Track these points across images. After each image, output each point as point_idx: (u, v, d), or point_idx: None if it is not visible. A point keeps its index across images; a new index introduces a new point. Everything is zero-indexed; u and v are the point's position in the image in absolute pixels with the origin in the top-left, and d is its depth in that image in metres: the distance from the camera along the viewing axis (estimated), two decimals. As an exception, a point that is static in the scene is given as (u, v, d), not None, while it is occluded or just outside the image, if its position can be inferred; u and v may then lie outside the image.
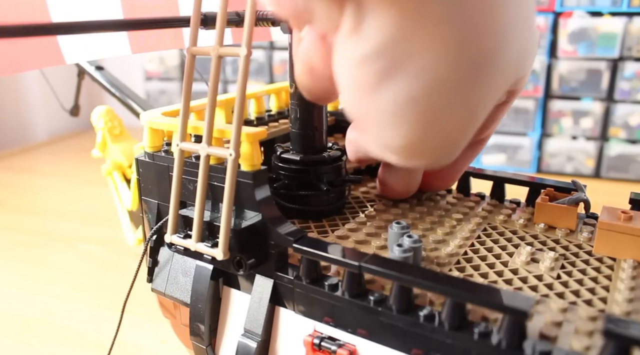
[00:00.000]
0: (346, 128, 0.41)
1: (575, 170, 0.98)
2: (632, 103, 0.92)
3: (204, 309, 0.29)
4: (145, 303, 0.46)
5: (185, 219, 0.28)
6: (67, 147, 1.23)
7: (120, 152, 0.55)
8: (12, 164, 1.09)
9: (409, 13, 0.18)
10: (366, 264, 0.23)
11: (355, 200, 0.35)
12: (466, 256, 0.28)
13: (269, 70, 1.19)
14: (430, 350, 0.22)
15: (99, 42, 0.28)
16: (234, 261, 0.26)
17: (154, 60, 1.29)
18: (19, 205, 0.83)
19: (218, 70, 0.25)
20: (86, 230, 0.72)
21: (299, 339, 0.26)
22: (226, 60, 1.21)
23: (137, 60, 1.34)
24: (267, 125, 0.38)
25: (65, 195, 0.87)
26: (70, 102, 0.70)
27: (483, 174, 0.38)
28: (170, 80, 1.30)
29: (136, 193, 0.44)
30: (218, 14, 0.24)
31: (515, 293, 0.21)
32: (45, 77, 0.71)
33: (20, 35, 0.22)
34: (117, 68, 0.84)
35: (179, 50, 1.14)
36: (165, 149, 0.31)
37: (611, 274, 0.26)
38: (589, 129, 0.96)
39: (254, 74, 1.19)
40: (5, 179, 0.97)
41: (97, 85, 0.61)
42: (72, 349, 0.46)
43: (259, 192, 0.27)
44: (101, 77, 0.59)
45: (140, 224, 0.39)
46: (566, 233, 0.30)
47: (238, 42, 0.29)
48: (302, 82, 0.23)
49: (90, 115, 0.57)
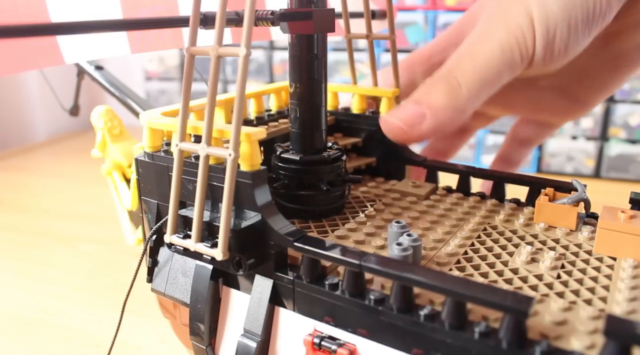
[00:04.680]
0: (346, 128, 0.41)
1: (575, 170, 0.98)
2: (632, 103, 0.92)
3: (203, 309, 0.29)
4: (145, 303, 0.46)
5: (184, 219, 0.28)
6: (66, 147, 1.22)
7: (120, 152, 0.55)
8: (11, 164, 1.09)
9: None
10: (367, 263, 0.23)
11: (355, 200, 0.35)
12: (466, 256, 0.28)
13: (269, 70, 1.19)
14: (431, 349, 0.22)
15: (98, 42, 0.28)
16: (234, 261, 0.26)
17: (154, 60, 1.29)
18: (19, 205, 0.83)
19: (217, 70, 0.25)
20: (86, 230, 0.72)
21: (299, 339, 0.26)
22: (226, 60, 1.21)
23: (137, 60, 1.33)
24: (266, 125, 0.38)
25: (65, 195, 0.87)
26: (70, 102, 0.70)
27: (483, 174, 0.38)
28: (170, 80, 1.30)
29: (136, 193, 0.44)
30: (217, 13, 0.24)
31: (516, 292, 0.21)
32: (45, 77, 0.71)
33: (20, 36, 0.22)
34: (117, 68, 0.84)
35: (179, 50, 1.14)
36: (164, 149, 0.30)
37: (611, 273, 0.26)
38: (589, 129, 0.96)
39: (254, 74, 1.19)
40: (5, 179, 0.97)
41: (97, 85, 0.61)
42: (72, 349, 0.46)
43: (258, 192, 0.26)
44: (101, 77, 0.59)
45: (140, 224, 0.39)
46: (566, 233, 0.30)
47: (238, 42, 0.29)
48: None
49: (90, 115, 0.57)
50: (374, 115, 0.40)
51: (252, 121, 0.39)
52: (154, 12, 0.30)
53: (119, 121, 0.57)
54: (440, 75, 0.30)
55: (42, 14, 0.25)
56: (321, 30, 0.30)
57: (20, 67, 0.24)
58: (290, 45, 0.31)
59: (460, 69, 0.29)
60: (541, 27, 0.29)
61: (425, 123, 0.29)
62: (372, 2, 0.41)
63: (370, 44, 0.40)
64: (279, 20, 0.29)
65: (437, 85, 0.29)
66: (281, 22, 0.29)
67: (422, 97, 0.29)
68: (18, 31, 0.22)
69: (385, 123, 0.30)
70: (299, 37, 0.30)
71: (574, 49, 0.30)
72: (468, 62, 0.29)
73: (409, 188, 0.36)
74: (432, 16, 0.99)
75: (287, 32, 0.30)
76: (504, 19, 0.29)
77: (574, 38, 0.30)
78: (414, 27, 1.01)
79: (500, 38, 0.29)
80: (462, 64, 0.29)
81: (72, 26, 0.24)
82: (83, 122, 1.28)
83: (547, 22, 0.29)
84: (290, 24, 0.29)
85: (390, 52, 0.39)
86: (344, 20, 0.39)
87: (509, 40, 0.29)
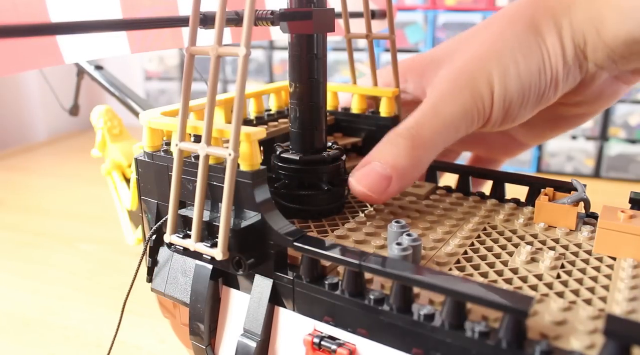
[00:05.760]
0: (346, 128, 0.41)
1: (575, 170, 0.98)
2: (632, 103, 0.92)
3: (203, 309, 0.29)
4: (145, 303, 0.46)
5: (184, 219, 0.28)
6: (67, 147, 1.22)
7: (120, 152, 0.55)
8: (11, 164, 1.09)
9: None
10: (367, 263, 0.23)
11: (355, 200, 0.35)
12: (466, 256, 0.28)
13: (269, 70, 1.19)
14: (431, 349, 0.22)
15: (98, 42, 0.28)
16: (234, 261, 0.26)
17: (154, 60, 1.29)
18: (19, 205, 0.83)
19: (217, 70, 0.25)
20: (86, 230, 0.72)
21: (299, 339, 0.26)
22: (226, 60, 1.21)
23: (137, 60, 1.33)
24: (266, 125, 0.38)
25: (65, 195, 0.87)
26: (70, 101, 0.70)
27: (483, 174, 0.38)
28: (170, 80, 1.29)
29: (136, 193, 0.44)
30: (217, 13, 0.24)
31: (516, 292, 0.21)
32: (45, 77, 0.71)
33: (20, 36, 0.22)
34: (117, 68, 0.84)
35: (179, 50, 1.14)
36: (164, 149, 0.30)
37: (611, 273, 0.26)
38: (589, 129, 0.96)
39: (254, 74, 1.19)
40: (5, 179, 0.97)
41: (97, 85, 0.61)
42: (72, 349, 0.46)
43: (258, 192, 0.26)
44: (101, 77, 0.59)
45: (140, 224, 0.39)
46: (566, 233, 0.30)
47: (238, 42, 0.29)
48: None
49: (90, 115, 0.57)
50: (374, 115, 0.40)
51: (252, 121, 0.39)
52: (154, 12, 0.30)
53: (119, 121, 0.57)
54: (403, 134, 0.32)
55: (42, 14, 0.25)
56: (321, 30, 0.30)
57: (20, 67, 0.24)
58: (290, 45, 0.31)
59: (425, 126, 0.32)
60: (499, 101, 0.34)
61: (392, 186, 0.30)
62: (372, 2, 0.41)
63: (370, 44, 0.40)
64: (279, 20, 0.29)
65: (400, 144, 0.31)
66: (281, 22, 0.29)
67: (386, 159, 0.31)
68: (18, 31, 0.22)
69: (353, 189, 0.31)
70: (299, 37, 0.30)
71: (521, 119, 0.36)
72: (433, 119, 0.32)
73: (409, 188, 0.36)
74: (432, 16, 0.99)
75: (287, 32, 0.30)
76: (468, 85, 0.33)
77: (523, 113, 0.35)
78: (414, 27, 1.01)
79: (465, 102, 0.33)
80: (427, 121, 0.32)
81: (72, 26, 0.24)
82: (83, 122, 1.27)
83: (505, 99, 0.34)
84: (290, 24, 0.29)
85: (390, 52, 0.39)
86: (344, 20, 0.39)
87: (471, 106, 0.33)
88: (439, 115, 0.33)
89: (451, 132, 0.33)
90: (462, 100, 0.33)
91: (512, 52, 0.34)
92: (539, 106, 0.36)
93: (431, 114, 0.33)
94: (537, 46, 0.34)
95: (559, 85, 0.35)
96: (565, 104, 0.39)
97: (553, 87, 0.34)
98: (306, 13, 0.29)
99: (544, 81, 0.34)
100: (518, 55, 0.34)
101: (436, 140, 0.32)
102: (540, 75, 0.34)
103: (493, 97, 0.33)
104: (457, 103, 0.33)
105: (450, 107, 0.33)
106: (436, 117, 0.33)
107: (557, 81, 0.34)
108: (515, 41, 0.34)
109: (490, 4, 0.96)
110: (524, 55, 0.34)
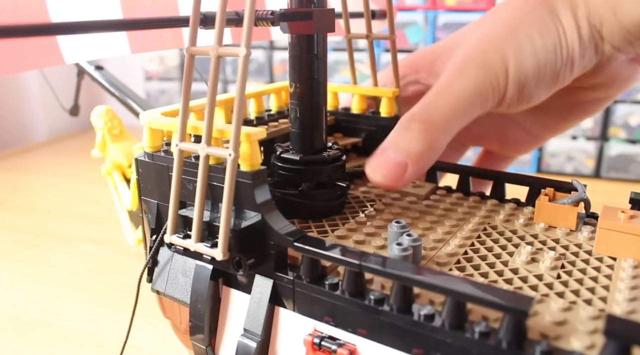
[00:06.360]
0: (346, 128, 0.41)
1: (575, 170, 0.98)
2: (632, 103, 0.92)
3: (203, 309, 0.29)
4: (145, 303, 0.46)
5: (184, 219, 0.28)
6: (66, 147, 1.22)
7: (120, 152, 0.55)
8: (11, 164, 1.08)
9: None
10: (367, 263, 0.23)
11: (355, 200, 0.35)
12: (466, 256, 0.28)
13: (269, 70, 1.19)
14: (431, 349, 0.22)
15: (98, 42, 0.28)
16: (234, 261, 0.26)
17: (154, 60, 1.29)
18: (19, 205, 0.83)
19: (217, 70, 0.25)
20: (86, 230, 0.72)
21: (299, 339, 0.26)
22: (226, 60, 1.21)
23: (137, 60, 1.33)
24: (266, 125, 0.38)
25: (65, 195, 0.87)
26: (70, 101, 0.70)
27: (483, 174, 0.38)
28: (170, 80, 1.29)
29: (136, 193, 0.44)
30: (217, 13, 0.24)
31: (516, 292, 0.21)
32: (45, 77, 0.71)
33: (20, 36, 0.22)
34: (117, 68, 0.84)
35: (179, 50, 1.14)
36: (164, 149, 0.30)
37: (611, 273, 0.26)
38: (589, 129, 0.96)
39: (254, 74, 1.19)
40: (5, 179, 0.97)
41: (97, 85, 0.61)
42: (72, 349, 0.46)
43: (258, 192, 0.26)
44: (101, 77, 0.59)
45: (140, 224, 0.39)
46: (566, 233, 0.30)
47: (238, 42, 0.29)
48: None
49: (90, 115, 0.57)
50: (374, 115, 0.40)
51: (252, 121, 0.39)
52: (154, 12, 0.30)
53: (119, 121, 0.57)
54: (415, 117, 0.31)
55: (42, 14, 0.25)
56: (321, 30, 0.30)
57: (20, 67, 0.24)
58: (290, 45, 0.31)
59: (437, 106, 0.31)
60: (514, 78, 0.32)
61: (409, 172, 0.30)
62: (372, 2, 0.41)
63: (370, 44, 0.40)
64: (279, 20, 0.29)
65: (413, 128, 0.30)
66: (281, 22, 0.29)
67: (400, 145, 0.30)
68: (18, 31, 0.22)
69: (370, 178, 0.30)
70: (299, 37, 0.30)
71: (536, 99, 0.35)
72: (445, 97, 0.31)
73: (409, 188, 0.36)
74: (432, 16, 0.99)
75: (287, 32, 0.30)
76: (481, 63, 0.32)
77: (539, 92, 0.34)
78: (414, 27, 1.01)
79: (477, 78, 0.32)
80: (439, 101, 0.31)
81: (72, 26, 0.24)
82: (83, 122, 1.27)
83: (520, 76, 0.32)
84: (290, 24, 0.29)
85: (390, 52, 0.39)
86: (344, 20, 0.39)
87: (485, 81, 0.32)
88: (451, 93, 0.31)
89: (466, 109, 0.31)
90: (474, 76, 0.32)
91: (527, 28, 0.33)
92: (555, 86, 0.35)
93: (444, 93, 0.32)
94: (552, 23, 0.33)
95: (574, 64, 0.33)
96: (582, 87, 0.38)
97: (569, 65, 0.33)
98: (306, 13, 0.29)
99: (560, 59, 0.33)
100: (533, 31, 0.32)
101: (450, 119, 0.31)
102: (556, 53, 0.33)
103: (508, 73, 0.32)
104: (470, 79, 0.32)
105: (463, 84, 0.32)
106: (449, 95, 0.31)
107: (572, 60, 0.33)
108: (529, 18, 0.33)
109: (490, 4, 0.96)
110: (539, 32, 0.32)
